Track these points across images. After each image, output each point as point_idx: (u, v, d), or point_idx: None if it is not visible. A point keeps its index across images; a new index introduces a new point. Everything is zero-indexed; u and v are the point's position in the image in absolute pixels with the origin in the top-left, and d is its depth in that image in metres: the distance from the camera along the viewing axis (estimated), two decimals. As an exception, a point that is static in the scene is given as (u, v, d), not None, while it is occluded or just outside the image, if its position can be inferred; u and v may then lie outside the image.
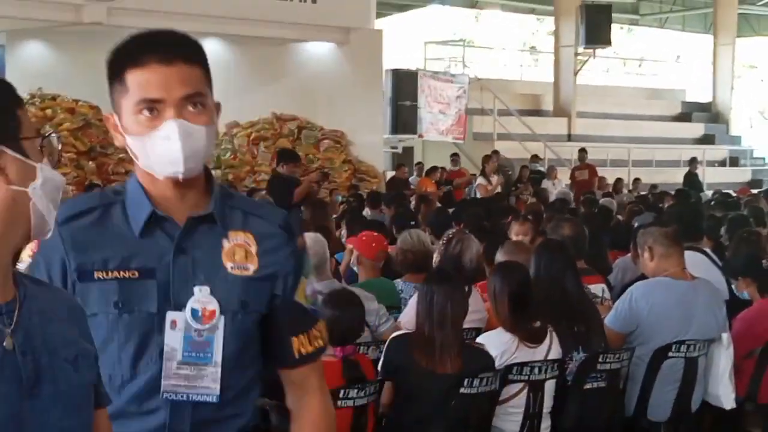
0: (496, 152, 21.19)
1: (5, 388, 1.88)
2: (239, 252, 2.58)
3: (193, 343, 2.51)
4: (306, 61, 20.35)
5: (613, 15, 28.23)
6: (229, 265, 2.56)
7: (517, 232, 8.20)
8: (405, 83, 22.46)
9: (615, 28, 29.33)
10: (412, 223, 9.76)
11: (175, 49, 2.50)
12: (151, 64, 2.46)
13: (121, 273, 2.49)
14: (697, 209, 10.56)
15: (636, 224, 10.15)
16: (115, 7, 16.42)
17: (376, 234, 7.37)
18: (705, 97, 34.90)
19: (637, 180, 23.58)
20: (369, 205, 14.35)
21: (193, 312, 2.50)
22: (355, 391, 4.83)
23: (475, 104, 25.33)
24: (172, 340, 2.50)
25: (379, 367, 5.26)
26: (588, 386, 5.68)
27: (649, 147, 28.15)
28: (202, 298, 2.51)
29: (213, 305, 2.51)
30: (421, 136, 23.47)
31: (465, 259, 6.66)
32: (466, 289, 5.92)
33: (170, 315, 2.50)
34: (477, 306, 6.18)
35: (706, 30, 38.39)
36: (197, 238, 2.56)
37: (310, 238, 6.32)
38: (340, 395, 4.76)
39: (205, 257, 2.55)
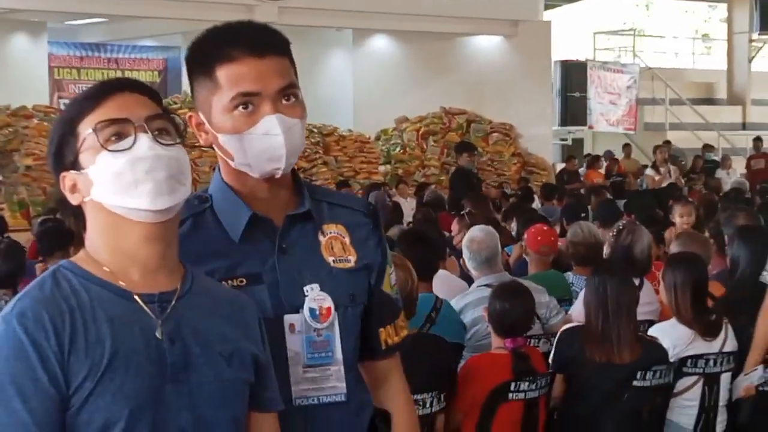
0: (667, 142, 20.87)
1: (150, 368, 2.01)
2: (336, 245, 2.50)
3: (314, 344, 2.43)
4: (474, 55, 20.38)
5: (790, -1, 27.48)
6: (330, 259, 2.48)
7: (681, 213, 8.21)
8: (574, 74, 22.30)
9: (792, 12, 28.49)
10: (583, 215, 9.70)
11: (266, 41, 2.40)
12: (244, 58, 2.35)
13: (229, 282, 2.37)
14: None
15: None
16: (287, 7, 16.70)
17: (545, 228, 7.34)
18: None
19: (814, 169, 22.90)
20: (543, 196, 14.33)
21: (311, 312, 2.42)
22: (526, 384, 4.82)
23: (646, 94, 24.94)
24: (294, 344, 2.42)
25: (550, 360, 5.25)
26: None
27: (828, 135, 27.30)
28: (316, 296, 2.43)
29: (328, 302, 2.43)
30: (591, 127, 23.25)
31: (636, 250, 6.57)
32: (638, 280, 5.87)
33: (288, 318, 2.42)
34: (649, 298, 6.11)
35: None
36: (294, 237, 2.46)
37: (482, 230, 6.33)
38: (511, 388, 4.79)
39: (306, 255, 2.46)
